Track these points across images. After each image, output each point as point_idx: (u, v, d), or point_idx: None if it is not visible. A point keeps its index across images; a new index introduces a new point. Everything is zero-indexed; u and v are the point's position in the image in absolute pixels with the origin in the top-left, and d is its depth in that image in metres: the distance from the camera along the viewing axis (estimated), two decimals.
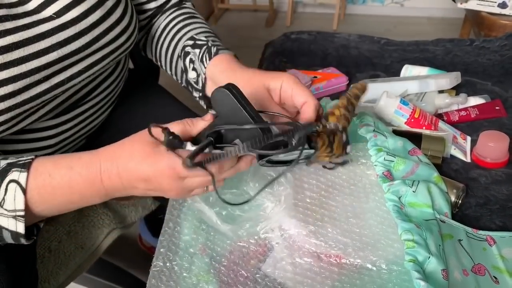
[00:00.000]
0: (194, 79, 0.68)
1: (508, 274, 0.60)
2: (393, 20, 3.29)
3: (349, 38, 1.33)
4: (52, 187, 0.49)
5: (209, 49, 0.65)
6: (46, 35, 0.55)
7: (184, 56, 0.69)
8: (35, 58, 0.53)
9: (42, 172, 0.49)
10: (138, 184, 0.50)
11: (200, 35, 0.69)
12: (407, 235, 0.57)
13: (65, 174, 0.49)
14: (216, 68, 0.64)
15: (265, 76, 0.57)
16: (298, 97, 0.56)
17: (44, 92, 0.56)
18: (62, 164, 0.49)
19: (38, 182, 0.48)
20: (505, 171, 0.80)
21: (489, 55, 1.20)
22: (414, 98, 0.95)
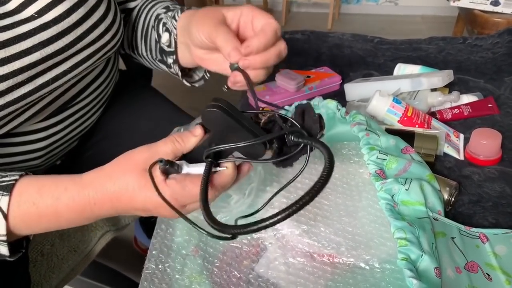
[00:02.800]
0: (167, 42, 0.66)
1: (501, 271, 0.61)
2: (388, 19, 3.30)
3: (342, 38, 1.33)
4: (38, 215, 0.47)
5: (181, 9, 0.64)
6: (28, 35, 0.53)
7: (157, 24, 0.67)
8: (17, 59, 0.52)
9: (26, 200, 0.47)
10: (134, 211, 0.49)
11: (175, 5, 0.68)
12: (400, 233, 0.57)
13: (51, 204, 0.47)
14: (184, 17, 0.62)
15: (223, 8, 0.55)
16: (258, 20, 0.52)
17: (28, 94, 0.55)
18: (47, 194, 0.47)
19: (21, 209, 0.47)
20: (498, 168, 0.80)
21: (482, 52, 1.20)
22: (407, 97, 0.95)
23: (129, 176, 0.46)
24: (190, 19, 0.58)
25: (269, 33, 0.50)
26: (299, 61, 1.22)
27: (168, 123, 0.83)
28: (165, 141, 0.48)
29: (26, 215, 0.47)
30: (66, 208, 0.47)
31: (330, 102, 0.78)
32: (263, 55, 0.51)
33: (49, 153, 0.70)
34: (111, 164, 0.49)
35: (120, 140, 0.82)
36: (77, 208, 0.48)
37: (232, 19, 0.54)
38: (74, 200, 0.47)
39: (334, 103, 0.77)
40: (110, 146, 0.82)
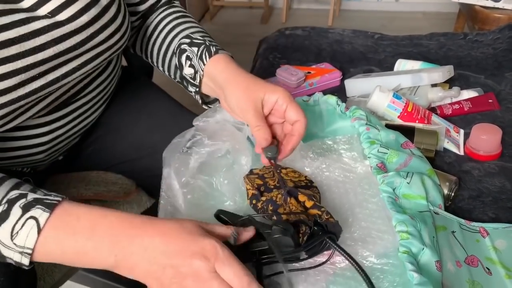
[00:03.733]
0: (190, 75, 0.69)
1: (501, 265, 0.61)
2: (388, 15, 3.29)
3: (343, 34, 1.33)
4: (74, 229, 0.47)
5: (208, 48, 0.67)
6: (42, 32, 0.55)
7: (180, 53, 0.70)
8: (31, 55, 0.53)
9: (71, 214, 0.48)
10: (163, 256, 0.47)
11: (196, 34, 0.71)
12: (401, 227, 0.57)
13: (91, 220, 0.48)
14: (216, 67, 0.66)
15: (262, 88, 0.60)
16: (292, 113, 0.60)
17: (39, 89, 0.56)
18: (87, 218, 0.48)
19: (63, 221, 0.47)
20: (497, 163, 0.80)
21: (482, 48, 1.20)
22: (407, 92, 0.95)
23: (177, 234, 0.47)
24: (225, 81, 0.64)
25: (302, 132, 0.60)
26: (299, 57, 1.22)
27: (169, 119, 0.83)
28: (222, 229, 0.50)
29: (62, 228, 0.47)
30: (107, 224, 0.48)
31: (330, 98, 0.78)
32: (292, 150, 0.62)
33: (52, 147, 0.70)
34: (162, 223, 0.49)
35: (121, 135, 0.83)
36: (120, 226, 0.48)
37: (266, 106, 0.61)
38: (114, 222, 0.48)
39: (334, 99, 0.77)
40: (111, 141, 0.83)
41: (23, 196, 0.48)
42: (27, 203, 0.47)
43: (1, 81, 0.51)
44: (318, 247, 0.52)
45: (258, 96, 0.60)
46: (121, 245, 0.47)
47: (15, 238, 0.46)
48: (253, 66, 1.29)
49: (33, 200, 0.48)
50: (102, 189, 0.79)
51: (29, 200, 0.48)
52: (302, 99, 0.81)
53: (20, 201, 0.47)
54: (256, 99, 0.60)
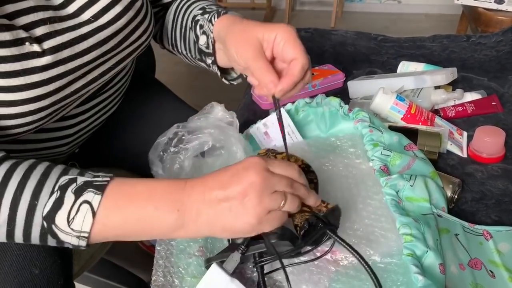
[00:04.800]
0: (205, 44, 0.68)
1: (504, 268, 0.61)
2: (391, 17, 3.28)
3: (346, 35, 1.33)
4: (131, 197, 0.49)
5: (217, 11, 0.66)
6: (88, 36, 0.59)
7: (195, 25, 0.70)
8: (79, 57, 0.58)
9: (125, 184, 0.50)
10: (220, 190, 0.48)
11: (210, 6, 0.71)
12: (405, 229, 0.57)
13: (146, 184, 0.50)
14: (221, 24, 0.64)
15: (259, 27, 0.56)
16: (288, 51, 0.55)
17: (81, 88, 0.61)
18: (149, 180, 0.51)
19: (118, 193, 0.49)
20: (501, 166, 0.80)
21: (486, 50, 1.20)
22: (411, 94, 0.95)
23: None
24: (226, 31, 0.61)
25: (296, 73, 0.54)
26: None
27: (173, 115, 0.85)
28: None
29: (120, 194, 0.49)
30: (162, 188, 0.49)
31: (333, 99, 0.78)
32: (293, 89, 0.57)
33: (75, 140, 0.73)
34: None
35: (131, 130, 0.85)
36: (174, 188, 0.49)
37: (267, 46, 0.56)
38: (171, 181, 0.50)
39: (337, 100, 0.77)
40: (122, 135, 0.85)
41: (73, 181, 0.48)
42: (78, 187, 0.48)
43: (54, 82, 0.55)
44: (319, 239, 0.52)
45: (256, 36, 0.56)
46: (180, 199, 0.48)
47: (72, 223, 0.47)
48: None
49: (83, 183, 0.48)
50: None
51: (79, 184, 0.48)
52: (305, 101, 0.81)
53: (71, 186, 0.48)
54: (254, 39, 0.56)
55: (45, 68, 0.54)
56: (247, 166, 0.47)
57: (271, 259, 0.52)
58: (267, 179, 0.46)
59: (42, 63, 0.54)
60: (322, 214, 0.51)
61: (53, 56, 0.54)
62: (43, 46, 0.54)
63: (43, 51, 0.54)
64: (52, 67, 0.55)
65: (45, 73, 0.54)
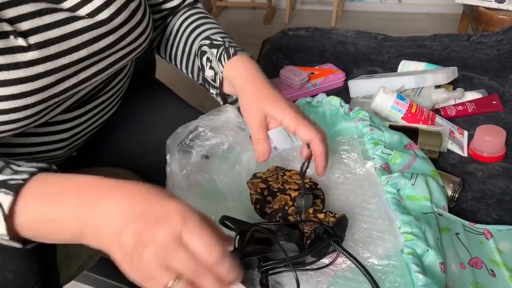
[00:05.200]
0: (211, 77, 0.71)
1: (505, 267, 0.61)
2: (391, 16, 3.28)
3: (346, 34, 1.33)
4: (41, 197, 0.45)
5: (226, 49, 0.68)
6: (79, 33, 0.58)
7: (201, 55, 0.72)
8: (67, 54, 0.56)
9: (40, 182, 0.45)
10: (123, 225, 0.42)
11: (216, 35, 0.72)
12: (406, 228, 0.57)
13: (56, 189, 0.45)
14: (233, 71, 0.67)
15: (269, 104, 0.60)
16: (302, 134, 0.59)
17: (71, 87, 0.59)
18: (65, 177, 0.46)
19: (32, 191, 0.44)
20: (501, 165, 0.80)
21: (486, 50, 1.20)
22: (411, 93, 0.95)
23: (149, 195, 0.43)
24: (239, 86, 0.65)
25: (321, 151, 0.58)
26: (303, 58, 1.22)
27: (174, 116, 0.85)
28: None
29: (27, 212, 0.44)
30: (73, 187, 0.45)
31: (334, 99, 0.78)
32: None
33: (71, 144, 0.72)
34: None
35: (129, 130, 0.84)
36: (86, 189, 0.44)
37: (273, 122, 0.61)
38: (85, 181, 0.45)
39: (338, 100, 0.77)
40: (119, 136, 0.84)
41: None
42: None
43: (41, 78, 0.53)
44: (324, 250, 0.53)
45: (264, 111, 0.60)
46: (84, 208, 0.43)
47: None
48: None
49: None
50: None
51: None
52: (306, 100, 0.81)
53: None
54: (261, 113, 0.60)
55: (31, 64, 0.52)
56: (163, 218, 0.40)
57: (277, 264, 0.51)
58: (170, 249, 0.39)
59: (28, 58, 0.52)
60: (329, 225, 0.52)
61: (39, 52, 0.53)
62: (29, 41, 0.52)
63: (29, 45, 0.52)
64: (39, 63, 0.53)
65: (31, 68, 0.52)
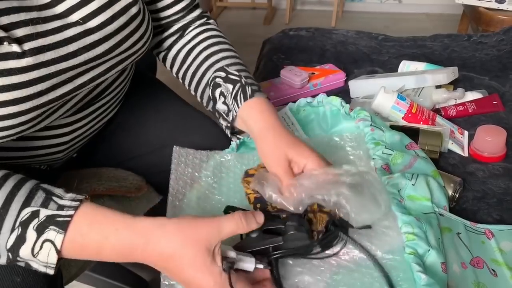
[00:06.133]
0: (224, 111, 0.70)
1: (506, 267, 0.61)
2: (392, 17, 3.29)
3: (347, 35, 1.33)
4: (81, 245, 0.49)
5: (243, 88, 0.67)
6: (74, 39, 0.57)
7: (214, 87, 0.70)
8: (64, 61, 0.56)
9: (76, 230, 0.49)
10: (173, 277, 0.50)
11: (231, 67, 0.71)
12: (407, 228, 0.57)
13: (98, 241, 0.49)
14: (250, 113, 0.66)
15: (292, 149, 0.60)
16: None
17: (68, 92, 0.58)
18: (97, 230, 0.49)
19: (69, 236, 0.49)
20: (502, 165, 0.80)
21: (487, 50, 1.20)
22: (412, 93, 0.95)
23: (189, 249, 0.48)
24: (257, 132, 0.64)
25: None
26: (303, 58, 1.22)
27: (176, 116, 0.84)
28: (230, 219, 0.50)
29: (71, 242, 0.49)
30: (111, 248, 0.49)
31: (334, 99, 0.78)
32: None
33: (71, 146, 0.72)
34: (173, 224, 0.50)
35: (130, 132, 0.84)
36: (122, 252, 0.49)
37: (296, 167, 0.60)
38: (122, 244, 0.49)
39: (338, 100, 0.77)
40: (120, 138, 0.84)
41: (35, 215, 0.48)
42: (39, 224, 0.48)
43: (35, 84, 0.53)
44: (332, 241, 0.54)
45: (287, 156, 0.60)
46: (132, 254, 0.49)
47: (37, 256, 0.48)
48: (257, 66, 1.29)
49: (46, 219, 0.48)
50: (114, 184, 0.79)
51: (41, 220, 0.48)
52: (306, 100, 0.81)
53: (33, 222, 0.48)
54: (285, 159, 0.60)
55: (25, 70, 0.52)
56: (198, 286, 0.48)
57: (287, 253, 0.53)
58: None
59: (22, 65, 0.51)
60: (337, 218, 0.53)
61: (34, 58, 0.52)
62: (23, 47, 0.51)
63: (23, 52, 0.51)
64: (33, 69, 0.52)
65: (24, 75, 0.52)
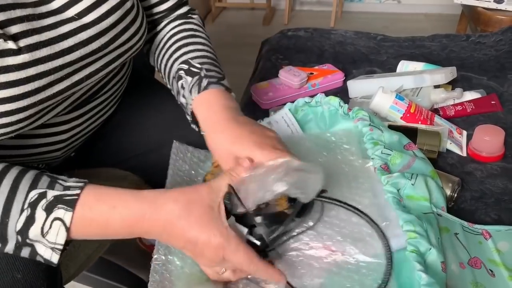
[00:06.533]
0: (184, 105, 0.68)
1: (504, 267, 0.61)
2: (390, 17, 3.29)
3: (345, 35, 1.33)
4: (90, 220, 0.50)
5: (200, 81, 0.65)
6: (70, 35, 0.57)
7: (178, 79, 0.69)
8: (60, 57, 0.56)
9: (84, 204, 0.50)
10: (179, 241, 0.51)
11: (195, 60, 0.69)
12: (409, 226, 0.57)
13: (106, 211, 0.50)
14: (199, 108, 0.63)
15: (235, 145, 0.56)
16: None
17: (65, 89, 0.58)
18: (105, 200, 0.50)
19: (77, 212, 0.49)
20: (500, 164, 0.80)
21: (485, 50, 1.20)
22: (410, 93, 0.95)
23: (195, 207, 0.49)
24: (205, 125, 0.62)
25: None
26: (302, 58, 1.22)
27: (174, 116, 0.84)
28: (223, 178, 0.52)
29: (79, 218, 0.49)
30: (119, 219, 0.50)
31: (333, 99, 0.78)
32: None
33: (69, 145, 0.71)
34: (176, 190, 0.51)
35: (128, 131, 0.84)
36: (130, 221, 0.50)
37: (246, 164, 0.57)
38: (130, 211, 0.50)
39: (337, 100, 0.77)
40: (119, 137, 0.84)
41: (43, 196, 0.49)
42: (48, 204, 0.49)
43: (33, 81, 0.53)
44: (308, 206, 0.55)
45: (232, 155, 0.56)
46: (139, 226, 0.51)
47: (46, 235, 0.48)
48: (256, 67, 1.29)
49: (54, 199, 0.49)
50: (113, 184, 0.79)
51: (49, 200, 0.49)
52: (305, 100, 0.81)
53: (41, 203, 0.49)
54: (231, 157, 0.56)
55: (22, 67, 0.52)
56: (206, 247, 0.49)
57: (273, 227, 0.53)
58: (219, 264, 0.52)
59: (18, 61, 0.51)
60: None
61: (30, 55, 0.52)
62: (19, 44, 0.51)
63: (19, 48, 0.51)
64: (30, 66, 0.52)
65: (22, 72, 0.52)
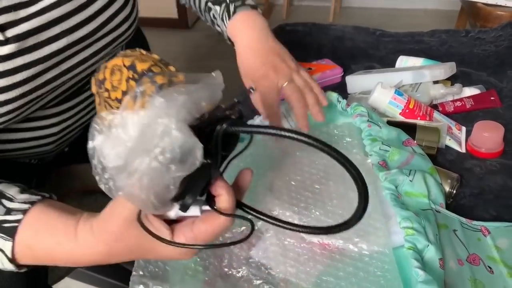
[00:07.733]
0: (220, 33, 0.76)
1: (503, 264, 0.60)
2: (390, 12, 3.28)
3: (344, 30, 1.32)
4: (34, 257, 0.47)
5: (227, 7, 0.70)
6: (54, 23, 0.56)
7: (208, 11, 0.75)
8: (46, 45, 0.55)
9: (21, 243, 0.46)
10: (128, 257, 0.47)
11: None
12: (406, 223, 0.57)
13: (46, 249, 0.46)
14: (232, 33, 0.71)
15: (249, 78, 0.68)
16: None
17: (54, 78, 0.58)
18: (43, 239, 0.46)
19: (17, 243, 0.46)
20: (499, 161, 0.79)
21: (485, 45, 1.19)
22: (409, 89, 0.94)
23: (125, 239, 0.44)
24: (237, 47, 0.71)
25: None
26: (300, 53, 1.20)
27: None
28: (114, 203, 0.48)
29: (21, 248, 0.46)
30: (62, 256, 0.46)
31: (331, 94, 0.77)
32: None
33: (61, 138, 0.71)
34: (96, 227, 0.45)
35: None
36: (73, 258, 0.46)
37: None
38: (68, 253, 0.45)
39: (335, 95, 0.77)
40: None
41: None
42: None
43: (21, 71, 0.53)
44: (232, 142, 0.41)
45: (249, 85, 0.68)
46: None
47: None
48: None
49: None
50: None
51: None
52: None
53: None
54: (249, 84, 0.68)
55: (9, 57, 0.51)
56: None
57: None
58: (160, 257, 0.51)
59: (5, 52, 0.51)
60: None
61: (17, 45, 0.52)
62: (6, 35, 0.51)
63: (7, 39, 0.51)
64: (17, 56, 0.52)
65: (9, 62, 0.51)
